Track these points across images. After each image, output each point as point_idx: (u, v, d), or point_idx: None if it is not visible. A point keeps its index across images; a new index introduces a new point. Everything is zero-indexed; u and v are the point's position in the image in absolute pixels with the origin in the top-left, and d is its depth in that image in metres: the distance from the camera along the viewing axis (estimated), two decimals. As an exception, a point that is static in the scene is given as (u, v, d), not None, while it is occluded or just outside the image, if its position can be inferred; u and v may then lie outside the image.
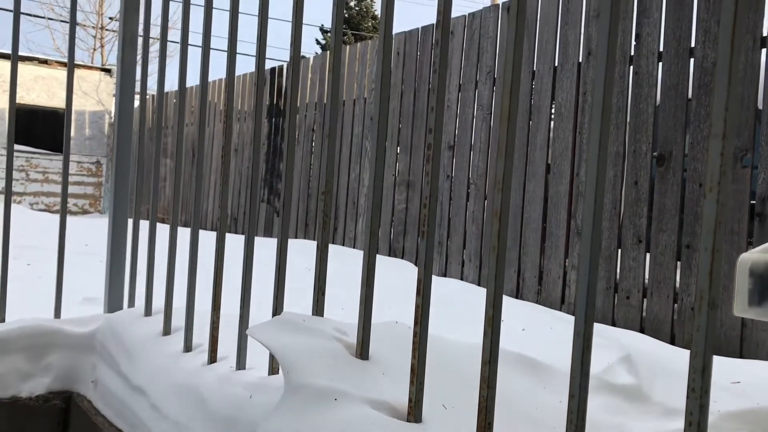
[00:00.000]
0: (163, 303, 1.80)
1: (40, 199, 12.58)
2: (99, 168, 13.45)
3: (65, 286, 3.35)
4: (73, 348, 1.78)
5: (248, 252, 1.33)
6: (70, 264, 4.32)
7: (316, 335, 1.00)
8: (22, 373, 1.72)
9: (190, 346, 1.50)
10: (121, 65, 1.88)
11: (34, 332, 1.75)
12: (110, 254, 1.93)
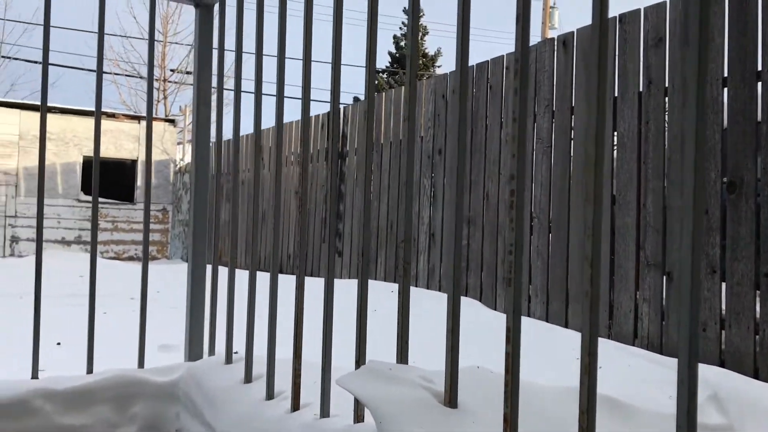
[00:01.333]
0: (243, 350, 1.84)
1: (109, 248, 13.01)
2: (165, 215, 13.87)
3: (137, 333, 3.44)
4: (157, 397, 1.82)
5: (328, 299, 1.35)
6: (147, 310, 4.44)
7: (404, 384, 1.01)
8: (110, 423, 1.78)
9: (272, 393, 1.52)
10: (197, 119, 1.96)
11: (119, 383, 1.81)
12: (190, 303, 1.99)
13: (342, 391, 1.43)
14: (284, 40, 1.54)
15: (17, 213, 12.66)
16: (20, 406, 1.67)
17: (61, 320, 3.96)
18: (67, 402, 1.72)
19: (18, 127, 12.61)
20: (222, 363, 1.80)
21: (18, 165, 12.66)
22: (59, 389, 1.72)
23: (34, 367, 1.84)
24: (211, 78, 1.97)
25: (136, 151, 13.59)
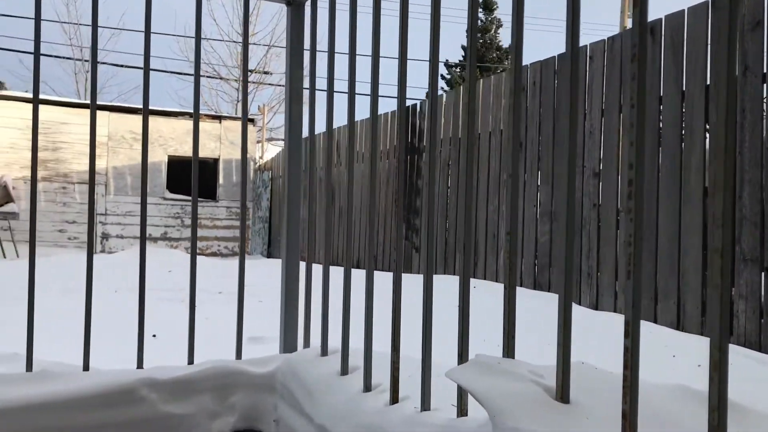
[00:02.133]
0: (335, 342, 1.87)
1: (193, 244, 13.45)
2: (246, 212, 14.22)
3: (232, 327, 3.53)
4: (255, 388, 1.87)
5: (428, 293, 1.35)
6: (233, 304, 4.56)
7: (515, 378, 0.99)
8: (210, 413, 1.83)
9: (369, 385, 1.53)
10: (289, 117, 1.99)
11: (219, 373, 1.86)
12: (284, 297, 2.03)
13: (439, 385, 1.42)
14: (379, 37, 1.55)
15: (107, 211, 13.25)
16: (127, 395, 1.74)
17: (154, 313, 4.12)
18: (170, 391, 1.79)
19: (107, 129, 13.19)
20: (317, 355, 1.82)
21: (107, 165, 13.25)
22: (163, 379, 1.79)
23: (139, 358, 1.91)
24: (302, 75, 2.00)
25: (217, 150, 13.98)
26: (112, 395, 1.71)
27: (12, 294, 5.00)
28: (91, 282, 1.88)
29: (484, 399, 0.93)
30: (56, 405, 1.66)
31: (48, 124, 12.65)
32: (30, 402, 1.63)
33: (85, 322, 1.87)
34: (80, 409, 1.68)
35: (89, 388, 1.70)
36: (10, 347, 2.98)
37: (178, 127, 13.46)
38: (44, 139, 12.68)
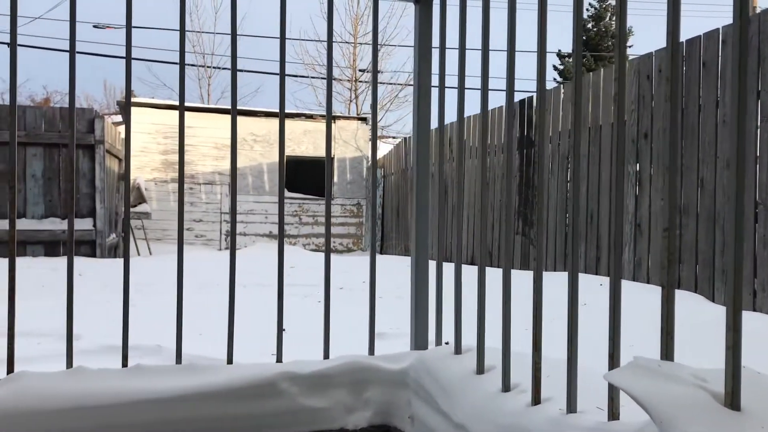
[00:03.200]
0: (468, 341, 1.86)
1: (311, 240, 13.84)
2: (360, 209, 14.46)
3: (356, 322, 3.59)
4: (389, 384, 1.89)
5: (573, 293, 1.31)
6: (354, 300, 4.65)
7: (677, 382, 0.95)
8: (346, 407, 1.87)
9: (508, 385, 1.51)
10: (417, 114, 2.00)
11: (354, 368, 1.90)
12: (414, 294, 2.04)
13: (581, 387, 1.38)
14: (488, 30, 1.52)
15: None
16: (269, 388, 1.80)
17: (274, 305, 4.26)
18: (308, 385, 1.84)
19: (229, 131, 13.80)
20: (450, 353, 1.82)
21: (230, 166, 13.86)
22: (302, 373, 1.84)
23: (278, 352, 1.98)
24: (431, 73, 2.00)
25: (332, 149, 14.30)
26: (256, 387, 1.79)
27: (148, 290, 5.33)
28: (234, 279, 1.97)
29: (647, 404, 0.89)
30: (205, 396, 1.75)
31: (175, 128, 13.39)
32: (181, 393, 1.72)
33: (228, 318, 1.96)
34: (227, 400, 1.77)
35: (234, 380, 1.78)
36: (152, 340, 3.19)
37: (295, 128, 13.88)
38: (172, 143, 13.43)
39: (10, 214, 1.76)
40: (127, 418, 1.67)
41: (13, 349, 1.76)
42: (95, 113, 8.92)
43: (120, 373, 1.76)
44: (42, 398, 1.63)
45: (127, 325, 1.87)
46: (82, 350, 2.88)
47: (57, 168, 8.44)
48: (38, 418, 1.62)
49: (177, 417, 1.72)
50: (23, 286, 2.59)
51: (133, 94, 14.01)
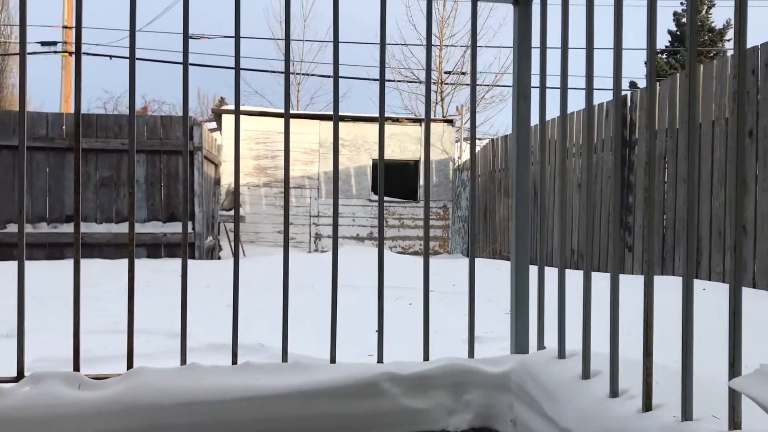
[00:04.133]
0: (569, 345, 1.83)
1: (397, 243, 13.92)
2: (446, 212, 14.43)
3: (449, 324, 3.59)
4: (489, 387, 1.89)
5: (688, 297, 1.27)
6: (447, 303, 4.64)
7: (810, 392, 0.90)
8: (447, 409, 1.88)
9: (616, 390, 1.48)
10: (517, 115, 1.98)
11: (454, 371, 1.90)
12: (515, 297, 2.03)
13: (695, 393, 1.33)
14: (621, 31, 1.49)
15: (319, 213, 14.13)
16: (371, 388, 1.83)
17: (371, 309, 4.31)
18: (409, 386, 1.86)
19: (318, 136, 14.07)
20: (554, 357, 1.80)
21: (319, 170, 14.13)
22: (403, 374, 1.86)
23: (379, 352, 2.02)
24: (530, 74, 1.98)
25: (418, 152, 14.33)
26: (358, 387, 1.82)
27: (246, 290, 5.50)
28: (336, 281, 2.01)
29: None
30: (310, 394, 1.80)
31: (267, 134, 13.77)
32: (288, 390, 1.78)
33: (331, 318, 2.00)
34: (331, 398, 1.81)
35: (338, 380, 1.82)
36: (254, 339, 3.29)
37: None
38: (264, 148, 13.83)
39: (129, 217, 1.87)
40: (237, 414, 1.74)
41: (132, 346, 1.87)
42: (193, 121, 9.30)
43: (230, 370, 1.83)
44: (159, 393, 1.72)
45: (236, 324, 1.95)
46: (189, 348, 3.02)
47: (158, 174, 8.85)
48: (155, 412, 1.71)
49: (284, 414, 1.77)
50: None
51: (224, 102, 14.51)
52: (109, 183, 8.74)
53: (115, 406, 1.68)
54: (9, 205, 8.47)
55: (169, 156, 8.90)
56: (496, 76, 19.59)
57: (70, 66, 20.16)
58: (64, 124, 8.53)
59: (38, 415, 1.66)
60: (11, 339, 3.29)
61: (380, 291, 2.02)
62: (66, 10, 19.55)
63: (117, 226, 8.68)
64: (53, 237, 8.38)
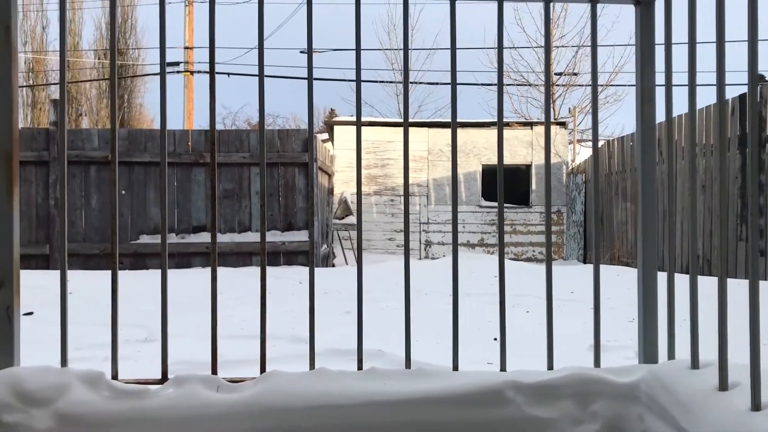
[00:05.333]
0: (701, 355, 1.75)
1: (509, 249, 13.73)
2: (560, 217, 14.10)
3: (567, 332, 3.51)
4: (618, 397, 1.84)
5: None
6: (566, 311, 4.54)
7: None
8: (573, 419, 1.85)
9: (758, 404, 1.40)
10: (641, 117, 1.93)
11: (580, 380, 1.87)
12: (642, 305, 1.97)
13: None
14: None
15: (429, 220, 14.19)
16: (494, 396, 1.83)
17: (482, 315, 4.29)
18: (534, 395, 1.84)
19: (426, 144, 14.15)
20: (686, 368, 1.73)
21: (428, 177, 14.19)
22: (527, 382, 1.85)
23: (502, 361, 2.01)
24: (654, 75, 1.92)
25: (529, 156, 14.10)
26: (481, 395, 1.82)
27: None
28: (457, 289, 2.03)
29: None
30: (432, 401, 1.82)
31: (376, 143, 14.00)
32: (412, 397, 1.81)
33: (453, 326, 2.02)
34: (453, 406, 1.82)
35: (460, 387, 1.84)
36: (373, 345, 3.36)
37: (491, 137, 13.88)
38: (374, 157, 14.06)
39: (261, 228, 1.96)
40: (364, 418, 1.79)
41: (265, 350, 1.97)
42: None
43: (356, 376, 1.89)
44: (291, 396, 1.80)
45: (361, 331, 2.01)
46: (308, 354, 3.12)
47: (276, 185, 9.21)
48: (287, 415, 1.79)
49: (408, 420, 1.80)
50: (253, 292, 2.88)
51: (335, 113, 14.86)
52: (231, 195, 9.18)
53: (250, 408, 1.78)
54: (142, 218, 9.06)
55: (286, 168, 9.23)
56: (610, 76, 18.95)
57: (191, 84, 21.35)
58: (190, 140, 9.04)
59: (181, 415, 1.78)
60: (149, 343, 3.54)
61: (502, 298, 2.02)
62: (187, 32, 20.73)
63: (239, 236, 9.09)
64: (181, 247, 8.89)
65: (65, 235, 1.96)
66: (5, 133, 1.83)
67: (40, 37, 24.06)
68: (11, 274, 1.92)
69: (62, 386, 1.79)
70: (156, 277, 6.10)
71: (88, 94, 24.61)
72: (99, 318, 3.77)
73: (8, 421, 1.73)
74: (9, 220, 1.89)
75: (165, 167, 1.96)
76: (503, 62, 2.03)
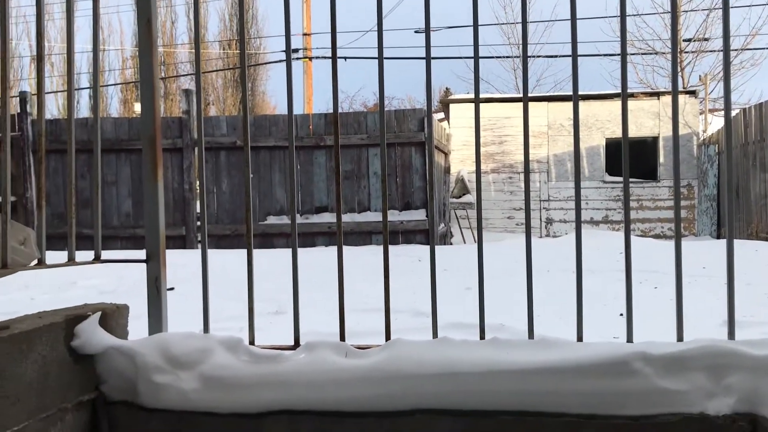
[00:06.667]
0: None
1: (635, 226, 13.19)
2: (690, 191, 13.37)
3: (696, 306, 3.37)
4: (755, 371, 1.76)
5: None
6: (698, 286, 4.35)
7: None
8: (705, 392, 1.79)
9: None
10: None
11: (711, 352, 1.80)
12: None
13: None
14: None
15: (549, 197, 13.87)
16: (621, 367, 1.80)
17: (611, 294, 4.18)
18: (663, 366, 1.80)
19: (546, 118, 13.80)
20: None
21: (548, 153, 13.86)
22: (656, 354, 1.80)
23: (628, 333, 1.98)
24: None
25: (656, 128, 13.44)
26: (607, 366, 1.80)
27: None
28: (581, 263, 2.00)
29: None
30: (556, 370, 1.82)
31: (493, 120, 13.82)
32: (537, 366, 1.81)
33: (577, 297, 2.00)
34: (578, 376, 1.81)
35: (585, 357, 1.82)
36: (495, 319, 3.37)
37: (614, 109, 13.35)
38: (491, 134, 13.90)
39: (383, 207, 2.02)
40: (488, 385, 1.81)
41: (389, 318, 2.04)
42: (425, 113, 9.65)
43: (480, 344, 1.92)
44: (415, 363, 1.86)
45: (482, 300, 2.03)
46: (430, 327, 3.18)
47: (393, 165, 9.33)
48: (412, 380, 1.84)
49: (533, 389, 1.81)
50: (373, 270, 2.97)
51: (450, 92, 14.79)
52: (350, 176, 9.40)
53: (377, 373, 1.85)
54: (268, 200, 9.48)
55: (402, 148, 9.33)
56: (745, 39, 17.63)
57: (310, 70, 21.94)
58: (311, 123, 9.34)
59: (312, 379, 1.88)
60: (280, 315, 3.73)
61: (628, 264, 1.97)
62: (305, 19, 21.28)
63: (359, 215, 9.31)
64: (305, 227, 9.23)
65: (205, 215, 2.11)
66: (149, 121, 1.99)
67: (170, 31, 25.55)
68: (158, 249, 2.09)
69: (206, 350, 1.94)
70: (283, 255, 6.38)
71: (215, 84, 25.88)
72: (233, 293, 4.01)
73: (159, 381, 1.90)
74: (155, 200, 2.06)
75: (293, 150, 2.06)
76: (626, 30, 1.96)
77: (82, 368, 1.86)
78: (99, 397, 1.92)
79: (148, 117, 1.99)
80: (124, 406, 1.92)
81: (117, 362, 1.90)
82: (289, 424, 1.87)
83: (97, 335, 1.88)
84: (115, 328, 1.99)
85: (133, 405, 1.92)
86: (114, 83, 25.13)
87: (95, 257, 2.01)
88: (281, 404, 1.87)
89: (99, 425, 1.91)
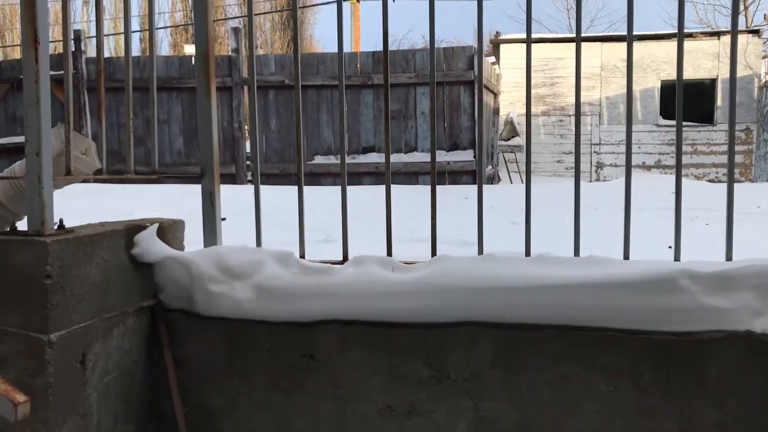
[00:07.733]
0: None
1: (689, 171, 12.86)
2: (749, 135, 12.93)
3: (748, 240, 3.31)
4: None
5: None
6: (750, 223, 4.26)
7: None
8: (753, 310, 1.78)
9: None
10: None
11: (761, 271, 1.79)
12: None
13: None
14: None
15: (601, 141, 13.59)
16: (668, 283, 1.80)
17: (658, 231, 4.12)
18: (710, 284, 1.79)
19: (599, 60, 13.41)
20: None
21: (601, 95, 13.52)
22: (703, 272, 1.80)
23: (676, 251, 1.97)
24: None
25: (715, 70, 12.95)
26: (654, 282, 1.80)
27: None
28: (630, 201, 1.99)
29: None
30: (602, 286, 1.83)
31: (545, 61, 13.48)
32: (584, 281, 1.82)
33: (624, 215, 2.00)
34: (624, 291, 1.81)
35: (632, 274, 1.83)
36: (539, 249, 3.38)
37: (671, 50, 12.86)
38: (542, 76, 13.58)
39: (431, 149, 2.03)
40: (534, 300, 1.84)
41: (435, 235, 2.07)
42: (474, 50, 9.48)
43: (525, 261, 1.94)
44: (460, 277, 1.89)
45: (529, 218, 2.05)
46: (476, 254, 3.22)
47: (441, 105, 9.25)
48: (458, 294, 1.88)
49: (578, 303, 1.83)
50: (420, 208, 3.01)
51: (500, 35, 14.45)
52: (397, 116, 9.36)
53: (423, 286, 1.89)
54: (315, 140, 9.53)
55: (451, 87, 9.22)
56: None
57: (357, 12, 21.66)
58: (359, 62, 9.28)
59: (360, 290, 1.93)
60: (328, 243, 3.81)
61: (678, 188, 1.96)
62: (353, -40, 20.90)
63: (406, 156, 9.30)
64: (351, 167, 9.27)
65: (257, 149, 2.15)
66: (202, 34, 2.03)
67: (219, -28, 25.41)
68: (212, 165, 2.16)
69: (258, 262, 2.01)
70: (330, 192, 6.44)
71: (263, 27, 25.79)
72: (283, 224, 4.10)
73: (215, 290, 1.98)
74: (208, 115, 2.11)
75: (343, 89, 2.07)
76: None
77: (142, 276, 1.95)
78: (157, 305, 2.02)
79: (201, 31, 2.03)
80: (181, 313, 2.01)
81: (174, 271, 1.99)
82: (338, 332, 1.94)
83: (155, 245, 1.97)
84: (172, 241, 2.07)
85: (189, 313, 2.01)
86: (164, 26, 25.28)
87: (152, 171, 2.08)
88: (330, 314, 1.94)
89: (158, 330, 2.01)
